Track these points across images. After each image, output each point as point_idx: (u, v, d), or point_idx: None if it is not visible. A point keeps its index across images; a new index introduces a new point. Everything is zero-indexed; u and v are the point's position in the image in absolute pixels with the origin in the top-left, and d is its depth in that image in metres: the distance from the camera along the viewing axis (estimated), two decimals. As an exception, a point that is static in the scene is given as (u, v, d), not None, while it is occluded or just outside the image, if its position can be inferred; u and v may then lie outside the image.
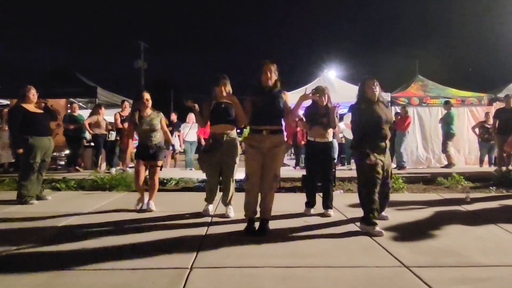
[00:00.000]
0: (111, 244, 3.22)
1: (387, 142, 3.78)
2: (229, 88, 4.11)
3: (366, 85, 3.77)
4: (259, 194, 3.57)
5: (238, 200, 4.92)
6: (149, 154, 4.50)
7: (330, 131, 4.36)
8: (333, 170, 4.49)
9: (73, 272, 2.60)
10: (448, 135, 8.81)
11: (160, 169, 4.69)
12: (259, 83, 3.56)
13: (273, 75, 3.53)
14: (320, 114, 4.30)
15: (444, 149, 8.96)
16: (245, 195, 3.62)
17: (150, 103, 4.57)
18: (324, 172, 4.40)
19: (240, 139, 4.58)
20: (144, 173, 4.60)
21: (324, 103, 4.30)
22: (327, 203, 4.35)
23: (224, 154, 4.12)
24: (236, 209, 4.22)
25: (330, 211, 4.31)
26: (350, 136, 9.14)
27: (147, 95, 4.56)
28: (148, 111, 4.56)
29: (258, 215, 3.62)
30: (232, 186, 4.27)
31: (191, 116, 8.68)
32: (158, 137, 4.58)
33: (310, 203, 4.44)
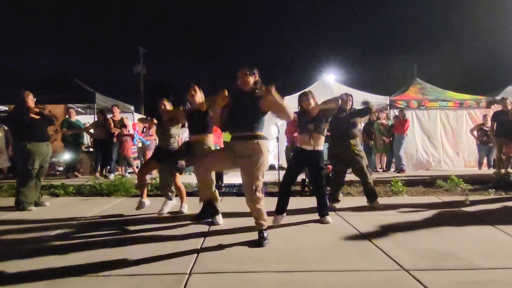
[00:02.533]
0: (109, 250, 3.20)
1: (352, 141, 4.90)
2: (198, 96, 4.20)
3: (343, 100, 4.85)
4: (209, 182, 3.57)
5: (238, 205, 4.91)
6: (163, 158, 4.58)
7: (319, 139, 4.13)
8: (324, 177, 4.26)
9: (71, 278, 2.58)
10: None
11: (180, 173, 4.74)
12: (238, 89, 3.39)
13: (249, 80, 3.33)
14: (307, 121, 4.12)
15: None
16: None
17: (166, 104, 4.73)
18: (315, 180, 4.30)
19: None
20: (149, 169, 4.75)
21: (310, 107, 4.15)
22: (323, 211, 4.17)
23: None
24: (236, 215, 4.20)
25: (328, 218, 4.13)
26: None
27: (164, 102, 4.72)
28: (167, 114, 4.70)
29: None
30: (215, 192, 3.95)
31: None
32: (174, 142, 4.69)
33: (279, 210, 4.10)
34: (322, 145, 4.20)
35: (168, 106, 4.73)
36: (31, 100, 4.97)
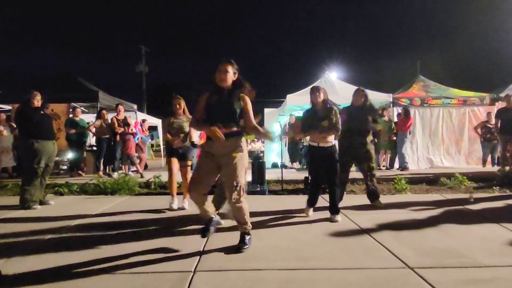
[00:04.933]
0: (114, 248, 3.21)
1: (367, 138, 4.74)
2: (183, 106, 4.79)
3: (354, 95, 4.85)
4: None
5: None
6: (178, 154, 4.77)
7: (328, 135, 4.15)
8: (337, 173, 4.30)
9: (77, 276, 2.60)
10: None
11: (191, 169, 4.82)
12: (214, 83, 3.21)
13: (228, 76, 3.15)
14: (319, 118, 4.12)
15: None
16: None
17: (182, 108, 4.87)
18: (328, 177, 4.20)
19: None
20: (177, 171, 4.81)
21: (320, 104, 4.16)
22: (334, 209, 4.17)
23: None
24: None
25: (337, 217, 4.12)
26: None
27: (179, 101, 4.86)
28: (180, 114, 4.87)
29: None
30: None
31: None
32: (186, 139, 4.86)
33: (310, 203, 4.36)
34: (333, 139, 4.24)
35: (183, 104, 4.87)
36: (37, 100, 4.99)
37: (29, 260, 2.94)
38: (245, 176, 3.22)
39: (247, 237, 3.22)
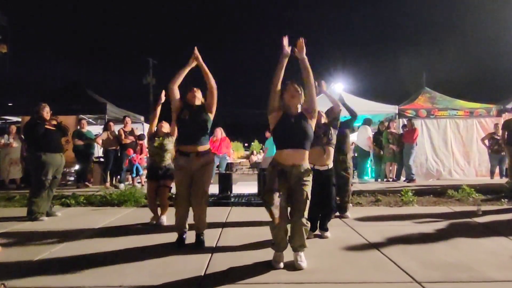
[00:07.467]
0: (120, 261, 3.21)
1: (342, 157, 4.71)
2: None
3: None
4: (191, 211, 3.66)
5: (247, 215, 4.89)
6: (158, 175, 4.69)
7: (331, 153, 3.90)
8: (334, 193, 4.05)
9: (83, 289, 2.60)
10: None
11: (169, 191, 4.81)
12: (186, 101, 3.69)
13: (199, 95, 3.72)
14: (318, 132, 3.71)
15: None
16: (175, 213, 3.69)
17: (164, 125, 4.87)
18: (324, 201, 3.83)
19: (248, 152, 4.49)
20: (154, 194, 4.72)
21: (322, 120, 3.97)
22: (324, 226, 4.02)
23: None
24: (245, 225, 4.17)
25: (327, 233, 4.00)
26: (365, 147, 9.10)
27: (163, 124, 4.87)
28: (164, 131, 4.84)
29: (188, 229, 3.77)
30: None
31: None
32: (168, 158, 4.80)
33: (311, 228, 3.80)
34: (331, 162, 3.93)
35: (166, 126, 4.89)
36: (46, 112, 5.08)
37: (35, 271, 2.95)
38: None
39: (203, 237, 3.69)
